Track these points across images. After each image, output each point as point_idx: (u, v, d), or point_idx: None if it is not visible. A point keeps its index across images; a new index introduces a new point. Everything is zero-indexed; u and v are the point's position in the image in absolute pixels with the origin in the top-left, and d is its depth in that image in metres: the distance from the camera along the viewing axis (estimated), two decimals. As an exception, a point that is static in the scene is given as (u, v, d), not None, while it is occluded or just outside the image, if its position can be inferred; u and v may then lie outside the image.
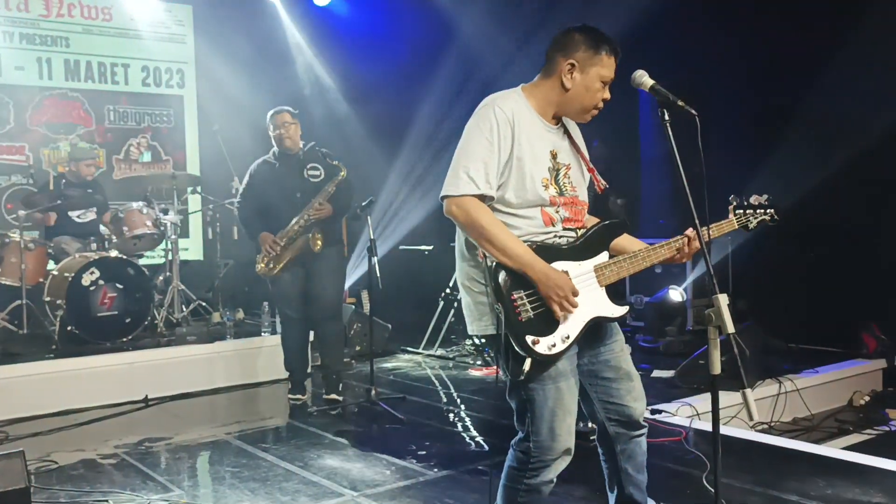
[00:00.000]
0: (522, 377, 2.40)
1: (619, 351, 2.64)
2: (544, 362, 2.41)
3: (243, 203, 5.34)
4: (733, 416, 4.89)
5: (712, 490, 2.39)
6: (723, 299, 2.22)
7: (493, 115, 2.45)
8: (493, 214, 2.43)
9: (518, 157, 2.45)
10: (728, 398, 4.68)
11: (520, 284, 2.38)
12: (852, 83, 6.27)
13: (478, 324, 2.50)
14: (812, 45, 6.53)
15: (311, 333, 5.65)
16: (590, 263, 2.52)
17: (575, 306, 2.40)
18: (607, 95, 2.55)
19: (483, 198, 2.42)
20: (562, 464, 2.51)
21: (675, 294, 6.99)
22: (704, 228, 2.46)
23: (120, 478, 3.95)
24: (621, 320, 2.64)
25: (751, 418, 2.25)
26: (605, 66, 2.50)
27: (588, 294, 2.46)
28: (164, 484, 3.86)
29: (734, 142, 6.86)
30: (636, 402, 2.63)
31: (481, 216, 2.39)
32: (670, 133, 2.34)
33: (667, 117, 2.36)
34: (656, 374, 5.92)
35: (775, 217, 2.81)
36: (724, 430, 4.38)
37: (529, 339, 2.37)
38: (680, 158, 2.32)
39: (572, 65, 2.49)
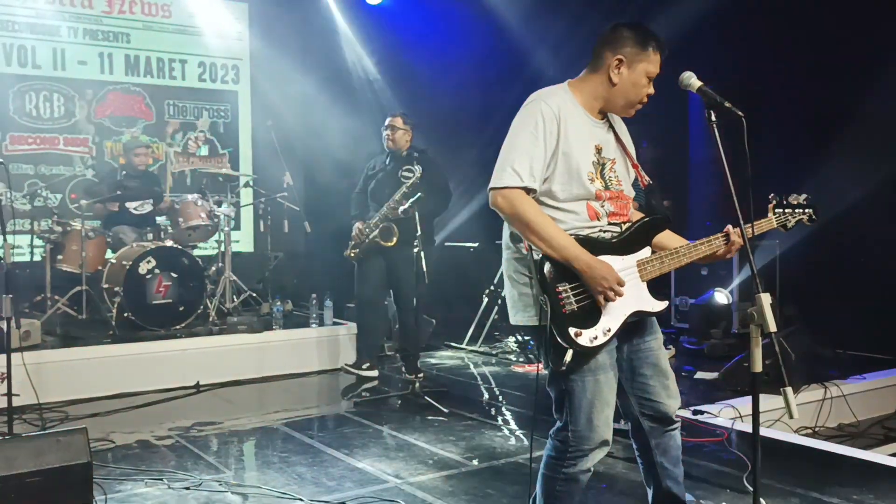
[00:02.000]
0: (564, 368, 2.45)
1: (657, 348, 2.69)
2: (585, 354, 2.47)
3: (356, 193, 5.96)
4: (777, 419, 4.87)
5: (752, 489, 2.42)
6: (765, 298, 2.26)
7: (540, 110, 2.51)
8: (539, 207, 2.49)
9: (564, 151, 2.51)
10: (771, 402, 4.66)
11: (564, 277, 2.44)
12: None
13: (521, 315, 2.56)
14: (867, 47, 6.45)
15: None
16: (633, 258, 2.57)
17: (620, 295, 2.45)
18: (652, 91, 2.60)
19: (528, 191, 2.48)
20: (599, 454, 2.57)
21: (721, 296, 6.96)
22: (748, 228, 2.50)
23: (173, 458, 4.11)
24: (662, 318, 2.68)
25: (791, 416, 2.27)
26: (652, 63, 2.56)
27: (630, 288, 2.51)
28: (214, 465, 4.00)
29: (785, 145, 6.80)
30: (670, 399, 2.68)
31: (526, 208, 2.45)
32: (717, 134, 2.39)
33: (713, 118, 2.41)
34: (700, 375, 5.91)
35: (813, 217, 2.83)
36: (767, 432, 4.37)
37: (573, 330, 2.43)
38: (727, 160, 2.36)
39: (620, 60, 2.54)
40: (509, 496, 3.54)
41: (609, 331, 2.49)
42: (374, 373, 5.97)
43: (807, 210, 2.82)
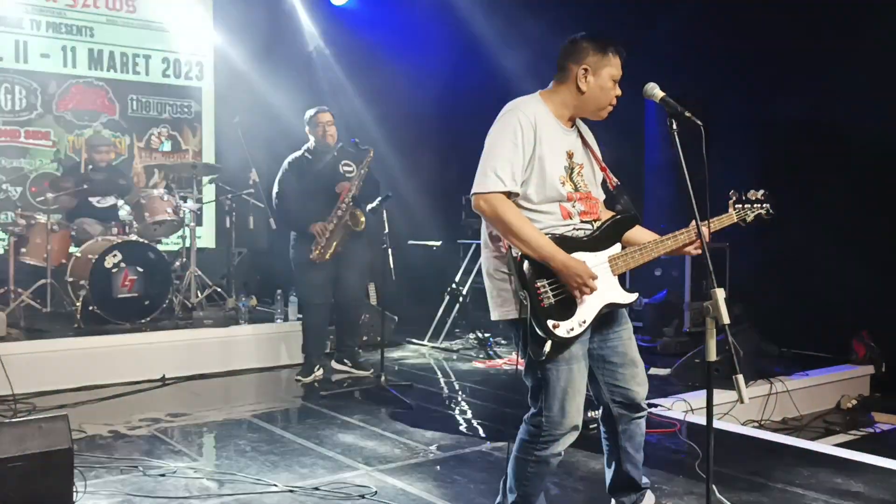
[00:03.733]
0: (543, 358, 2.64)
1: (627, 339, 2.90)
2: (561, 344, 2.66)
3: (283, 196, 5.67)
4: (726, 412, 5.14)
5: (704, 476, 2.62)
6: (720, 293, 2.45)
7: (518, 119, 2.70)
8: (518, 210, 2.68)
9: (539, 156, 2.70)
10: (721, 396, 4.92)
11: (542, 274, 2.64)
12: (855, 93, 6.49)
13: (501, 310, 2.74)
14: (819, 56, 6.73)
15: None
16: (604, 254, 2.77)
17: (594, 290, 2.64)
18: (619, 92, 2.80)
19: (509, 194, 2.67)
20: (570, 438, 2.77)
21: (674, 296, 7.22)
22: (710, 221, 2.77)
23: (147, 448, 4.19)
24: (630, 309, 2.90)
25: (741, 401, 2.46)
26: (614, 66, 2.77)
27: (603, 282, 2.71)
28: (188, 454, 4.10)
29: (738, 152, 7.08)
30: (639, 386, 2.89)
31: (507, 212, 2.64)
32: (678, 142, 2.58)
33: (675, 127, 2.60)
34: (653, 371, 6.13)
35: (770, 212, 3.06)
36: (716, 424, 4.57)
37: (550, 323, 2.62)
38: (686, 166, 2.56)
39: (585, 69, 2.74)
40: (475, 482, 3.71)
41: (584, 322, 2.69)
42: (321, 372, 5.91)
43: (764, 205, 3.04)
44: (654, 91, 2.68)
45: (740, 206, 3.01)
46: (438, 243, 8.33)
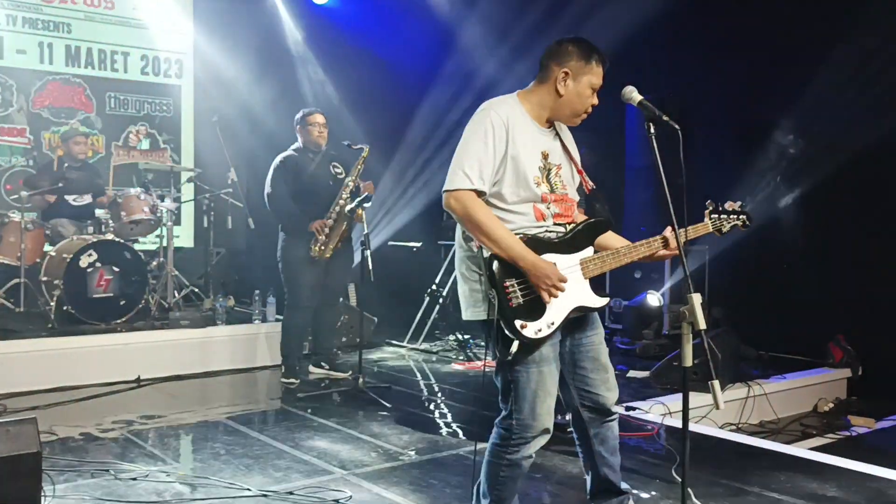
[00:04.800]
0: (509, 358, 2.62)
1: (598, 343, 2.88)
2: (530, 346, 2.64)
3: (277, 196, 5.62)
4: (703, 415, 5.14)
5: (680, 480, 2.61)
6: (696, 298, 2.44)
7: (490, 118, 2.68)
8: (489, 209, 2.66)
9: (512, 156, 2.68)
10: (698, 399, 4.93)
11: (511, 273, 2.61)
12: (832, 102, 6.53)
13: (472, 310, 2.73)
14: (795, 63, 6.77)
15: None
16: (576, 257, 2.75)
17: (562, 291, 2.62)
18: (595, 101, 2.79)
19: (478, 193, 2.65)
20: (541, 441, 2.75)
21: (653, 299, 7.24)
22: (682, 232, 2.72)
23: (118, 450, 4.13)
24: (600, 313, 2.89)
25: (717, 407, 2.47)
26: (595, 75, 2.75)
27: (573, 285, 2.69)
28: (160, 457, 4.04)
29: (715, 155, 7.11)
30: (609, 391, 2.88)
31: (476, 210, 2.62)
32: (655, 146, 2.57)
33: (652, 131, 2.59)
34: (632, 374, 6.16)
35: (747, 223, 3.04)
36: (693, 427, 4.58)
37: (518, 323, 2.60)
38: (663, 169, 2.55)
39: (566, 73, 2.73)
40: (451, 486, 3.68)
41: (552, 324, 2.66)
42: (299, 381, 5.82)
43: (741, 216, 3.02)
44: (633, 95, 2.67)
45: (716, 216, 3.00)
46: (419, 244, 8.30)
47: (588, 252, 2.79)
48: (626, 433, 4.48)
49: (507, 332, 2.60)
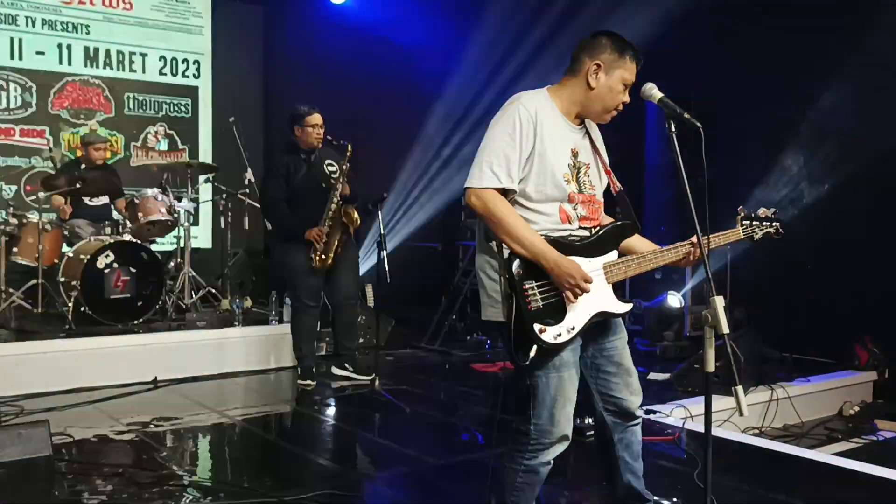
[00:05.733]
0: (527, 362, 2.54)
1: (622, 348, 2.80)
2: (550, 350, 2.56)
3: (272, 202, 5.53)
4: (726, 419, 5.05)
5: (702, 486, 2.53)
6: (719, 301, 2.36)
7: (518, 112, 2.58)
8: (512, 207, 2.58)
9: (539, 153, 2.58)
10: (721, 403, 4.85)
11: (532, 275, 2.53)
12: (860, 99, 6.41)
13: (490, 311, 2.63)
14: (821, 60, 6.67)
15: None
16: (600, 261, 2.66)
17: (587, 291, 2.54)
18: (627, 99, 2.70)
19: (504, 192, 2.56)
20: (559, 448, 2.67)
21: (674, 300, 7.14)
22: (711, 238, 2.66)
23: (132, 453, 4.10)
24: (623, 318, 2.81)
25: (740, 414, 2.39)
26: (628, 70, 2.65)
27: (596, 289, 2.60)
28: (174, 460, 4.01)
29: (737, 154, 7.00)
30: (633, 395, 2.81)
31: (499, 208, 2.53)
32: (676, 144, 2.48)
33: (673, 129, 2.51)
34: (652, 376, 6.06)
35: (780, 231, 2.95)
36: (716, 431, 4.52)
37: (537, 327, 2.52)
38: (684, 168, 2.47)
39: (598, 65, 2.64)
40: (469, 491, 3.62)
41: (573, 329, 2.58)
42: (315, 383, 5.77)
43: (774, 223, 2.93)
44: (653, 92, 2.58)
45: (748, 222, 2.91)
46: (437, 245, 8.26)
47: (612, 256, 2.71)
48: (646, 437, 4.38)
49: (525, 335, 2.52)
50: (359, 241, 5.72)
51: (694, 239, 2.72)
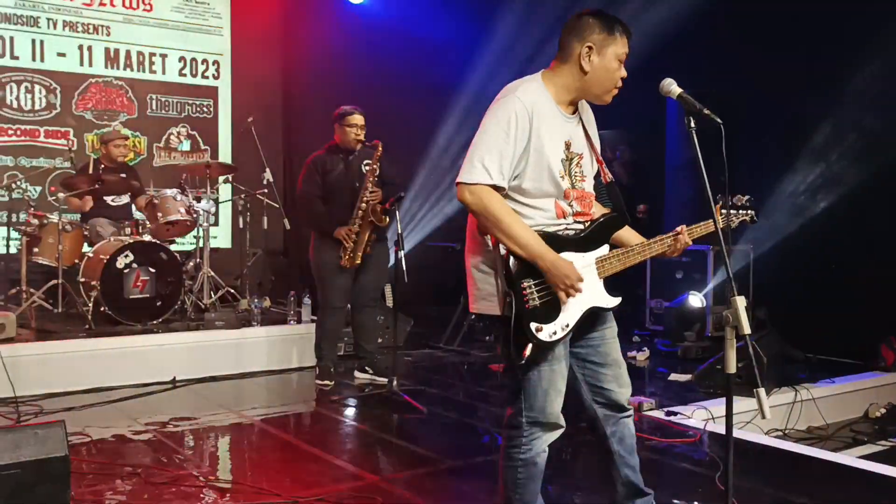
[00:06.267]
0: (523, 362, 2.53)
1: (610, 338, 2.78)
2: (544, 347, 2.55)
3: (306, 197, 5.55)
4: (748, 421, 4.97)
5: (724, 489, 2.48)
6: (740, 301, 2.31)
7: (514, 107, 2.52)
8: (507, 204, 2.53)
9: (535, 148, 2.53)
10: (743, 404, 4.78)
11: (528, 274, 2.51)
12: (879, 97, 6.30)
13: (483, 303, 2.60)
14: (842, 57, 6.57)
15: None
16: (592, 256, 2.65)
17: (580, 292, 2.53)
18: (624, 73, 2.62)
19: (496, 188, 2.51)
20: (553, 435, 2.68)
21: (696, 300, 7.05)
22: (690, 230, 2.73)
23: (150, 453, 4.10)
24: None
25: (763, 416, 2.33)
26: (620, 45, 2.58)
27: (588, 285, 2.59)
28: (191, 460, 4.01)
29: (758, 152, 6.91)
30: (621, 388, 2.78)
31: (494, 205, 2.49)
32: (696, 141, 2.43)
33: (692, 125, 2.46)
34: (673, 377, 5.99)
35: (755, 218, 2.94)
36: (738, 433, 4.45)
37: (534, 325, 2.50)
38: (705, 166, 2.42)
39: (589, 48, 2.56)
40: (486, 492, 3.58)
41: (567, 326, 2.58)
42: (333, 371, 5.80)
43: (749, 211, 2.93)
44: (671, 87, 2.53)
45: (725, 211, 2.87)
46: (456, 245, 8.21)
47: (603, 250, 2.69)
48: (667, 439, 4.35)
49: (522, 334, 2.51)
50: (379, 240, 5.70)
51: (678, 229, 2.76)
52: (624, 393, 2.78)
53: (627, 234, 2.80)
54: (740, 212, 2.93)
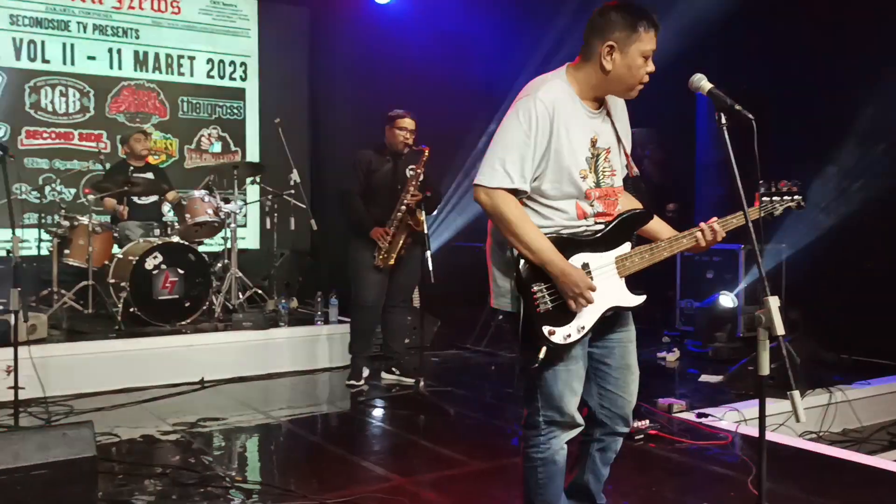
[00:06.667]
0: (536, 364, 2.51)
1: (627, 342, 2.74)
2: (558, 350, 2.52)
3: (349, 194, 5.55)
4: (781, 423, 4.87)
5: (757, 494, 2.43)
6: (773, 301, 2.25)
7: (535, 108, 2.46)
8: (522, 208, 2.50)
9: (556, 149, 2.49)
10: (776, 406, 4.68)
11: (540, 277, 2.48)
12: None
13: (502, 300, 2.60)
14: (874, 53, 6.45)
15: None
16: (611, 255, 2.60)
17: (590, 301, 2.48)
18: (651, 68, 2.52)
19: (516, 192, 2.48)
20: (571, 433, 2.66)
21: (727, 300, 6.95)
22: (726, 221, 2.66)
23: (178, 454, 4.12)
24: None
25: (797, 420, 2.27)
26: (645, 41, 2.47)
27: (607, 285, 2.55)
28: (219, 461, 4.01)
29: (791, 148, 6.79)
30: (630, 395, 2.75)
31: (510, 209, 2.46)
32: (727, 137, 2.38)
33: (723, 121, 2.39)
34: (704, 378, 5.91)
35: (802, 204, 2.82)
36: (771, 436, 4.37)
37: (546, 329, 2.48)
38: (736, 163, 2.36)
39: (611, 46, 2.47)
40: (514, 496, 3.54)
41: (583, 328, 2.54)
42: (367, 373, 5.82)
43: (795, 196, 2.81)
44: (702, 83, 2.47)
45: (767, 198, 2.78)
46: (482, 245, 8.18)
47: (625, 248, 2.63)
48: (697, 441, 4.28)
49: (534, 337, 2.48)
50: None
51: (702, 224, 2.68)
52: (630, 402, 2.74)
53: (659, 227, 2.74)
54: (785, 198, 2.80)
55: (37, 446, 3.04)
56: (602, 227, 2.61)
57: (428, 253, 5.21)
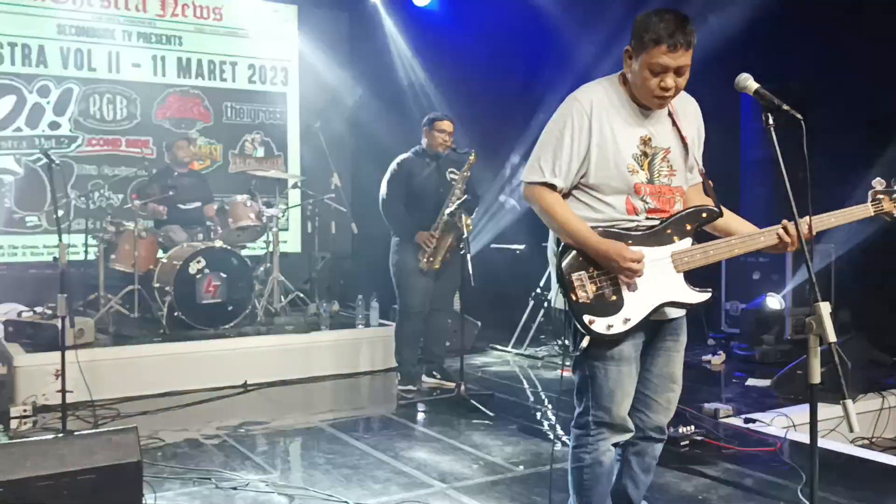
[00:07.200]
0: (578, 353, 2.53)
1: (674, 352, 2.70)
2: (607, 342, 2.51)
3: (390, 199, 5.55)
4: (832, 429, 4.74)
5: (808, 503, 2.35)
6: (825, 307, 2.19)
7: (572, 108, 2.55)
8: (562, 199, 2.56)
9: (599, 144, 2.51)
10: (826, 411, 4.51)
11: (580, 266, 2.50)
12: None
13: (555, 296, 2.63)
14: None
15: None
16: (667, 249, 2.55)
17: (638, 272, 2.45)
18: (667, 83, 2.44)
19: (552, 186, 2.54)
20: (621, 436, 2.63)
21: (774, 301, 6.79)
22: (829, 217, 2.60)
23: (221, 457, 4.14)
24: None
25: (851, 430, 2.20)
26: (652, 55, 2.41)
27: (662, 279, 2.51)
28: (261, 465, 4.03)
29: (839, 148, 6.61)
30: (667, 403, 2.72)
31: (546, 199, 2.55)
32: (774, 138, 2.31)
33: (770, 121, 2.33)
34: (751, 382, 5.79)
35: None
36: (822, 443, 4.22)
37: (587, 318, 2.48)
38: (783, 163, 2.29)
39: (627, 52, 2.51)
40: (556, 502, 3.49)
41: (628, 321, 2.50)
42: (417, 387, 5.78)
43: None
44: (748, 83, 2.41)
45: (884, 195, 2.66)
46: (522, 247, 8.12)
47: (683, 244, 2.58)
48: (745, 448, 4.19)
49: (577, 326, 2.50)
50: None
51: (785, 222, 2.57)
52: (665, 410, 2.71)
53: (738, 225, 2.69)
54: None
55: (83, 451, 3.05)
56: (657, 223, 2.58)
57: (468, 256, 5.19)
